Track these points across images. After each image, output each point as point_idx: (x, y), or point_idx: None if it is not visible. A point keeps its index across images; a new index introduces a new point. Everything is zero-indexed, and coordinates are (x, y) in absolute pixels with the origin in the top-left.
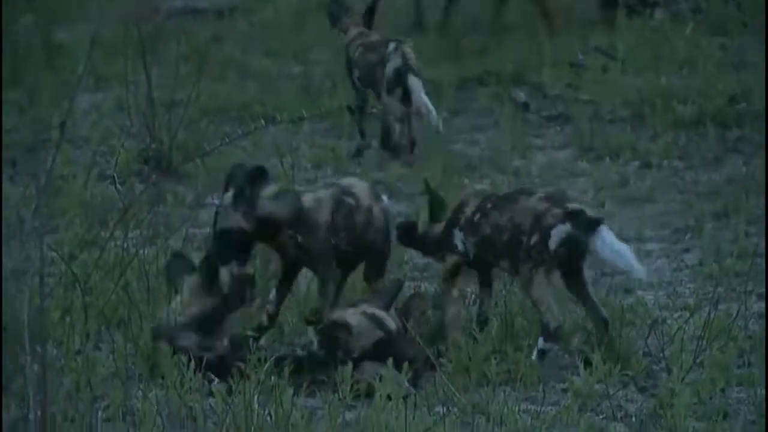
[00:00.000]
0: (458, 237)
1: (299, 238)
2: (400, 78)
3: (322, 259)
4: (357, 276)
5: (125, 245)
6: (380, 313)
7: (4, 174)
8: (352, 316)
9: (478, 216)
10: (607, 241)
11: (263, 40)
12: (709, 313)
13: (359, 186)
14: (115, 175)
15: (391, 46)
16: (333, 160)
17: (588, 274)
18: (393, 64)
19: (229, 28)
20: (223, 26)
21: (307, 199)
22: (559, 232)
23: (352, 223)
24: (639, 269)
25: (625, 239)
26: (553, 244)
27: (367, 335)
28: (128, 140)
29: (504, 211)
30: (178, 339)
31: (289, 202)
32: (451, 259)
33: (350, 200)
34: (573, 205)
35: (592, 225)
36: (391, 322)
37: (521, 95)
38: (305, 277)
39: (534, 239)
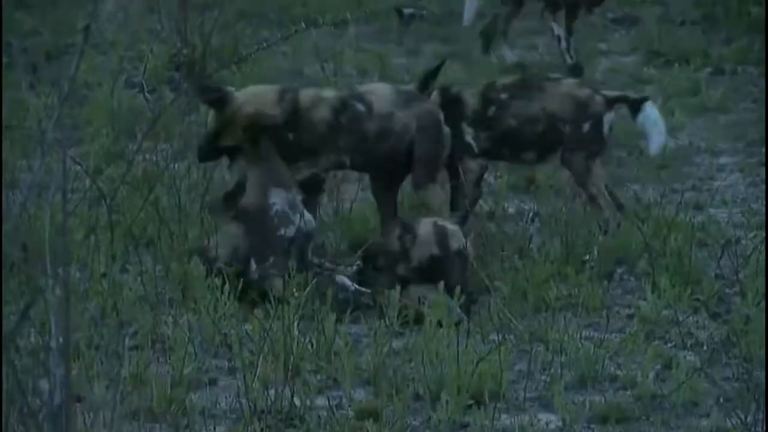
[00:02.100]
0: (468, 132)
1: (290, 136)
2: None
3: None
4: None
5: (155, 159)
6: (451, 228)
7: (23, 82)
8: (422, 225)
9: (493, 109)
10: (650, 115)
11: None
12: None
13: (379, 93)
14: (143, 82)
15: None
16: (379, 66)
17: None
18: None
19: None
20: None
21: (305, 96)
22: (609, 118)
23: (359, 129)
24: (655, 146)
25: (696, 151)
26: (605, 130)
27: (423, 249)
28: (158, 45)
29: (531, 100)
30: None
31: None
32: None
33: (359, 106)
34: (613, 93)
35: (639, 105)
36: (456, 241)
37: None
38: (350, 197)
39: (585, 128)
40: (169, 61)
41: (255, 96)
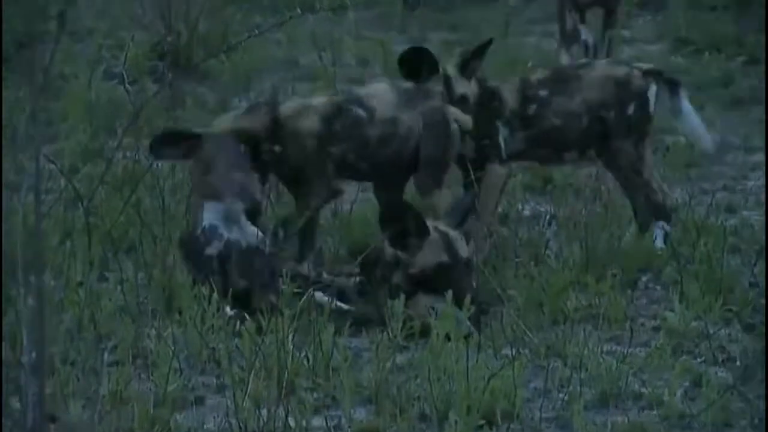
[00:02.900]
0: (502, 132)
1: (276, 149)
2: None
3: (311, 173)
4: None
5: (136, 156)
6: (454, 234)
7: None
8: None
9: (533, 107)
10: (686, 105)
11: None
12: None
13: (380, 94)
14: (124, 73)
15: None
16: (382, 55)
17: None
18: None
19: None
20: None
21: (288, 108)
22: (653, 91)
23: (359, 135)
24: (708, 138)
25: (728, 147)
26: (652, 106)
27: (430, 256)
28: (140, 32)
29: (571, 93)
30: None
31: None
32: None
33: (359, 110)
34: (647, 65)
35: (675, 86)
36: (463, 247)
37: None
38: (349, 198)
39: (631, 109)
40: (152, 49)
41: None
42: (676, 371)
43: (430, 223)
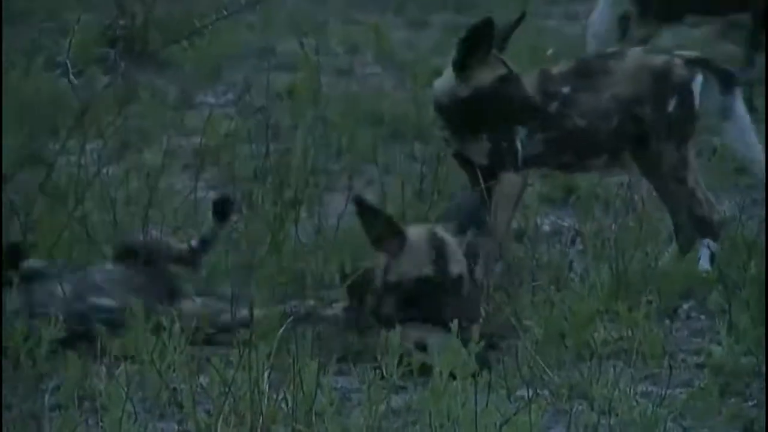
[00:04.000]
0: (519, 134)
1: None
2: None
3: None
4: None
5: (82, 161)
6: (452, 245)
7: None
8: (413, 232)
9: (555, 105)
10: (740, 106)
11: None
12: None
13: None
14: (68, 62)
15: None
16: (374, 42)
17: None
18: None
19: None
20: None
21: None
22: (698, 84)
23: None
24: (762, 160)
25: None
26: (696, 101)
27: (408, 266)
28: (87, 14)
29: (599, 89)
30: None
31: None
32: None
33: None
34: (691, 52)
35: (729, 79)
36: (457, 261)
37: None
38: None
39: (672, 105)
40: (102, 34)
41: None
42: (724, 416)
43: (421, 226)
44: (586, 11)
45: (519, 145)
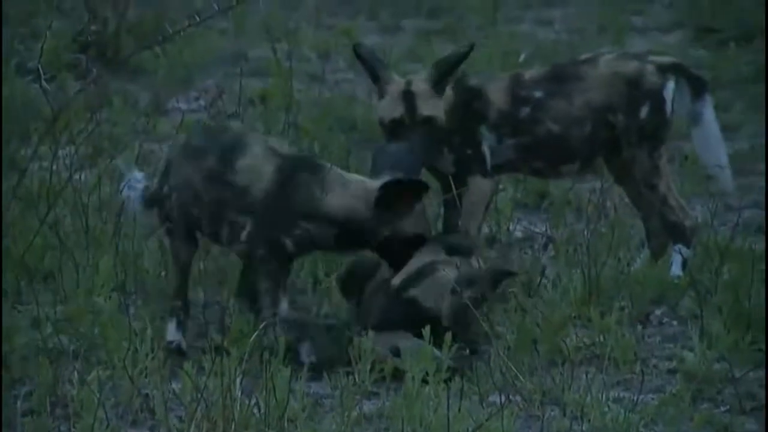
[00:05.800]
0: (487, 140)
1: None
2: None
3: None
4: None
5: (54, 167)
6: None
7: None
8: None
9: (526, 110)
10: (710, 113)
11: None
12: None
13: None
14: (40, 68)
15: None
16: (347, 47)
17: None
18: None
19: None
20: None
21: None
22: (669, 90)
23: None
24: (728, 174)
25: (758, 156)
26: (668, 108)
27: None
28: (59, 19)
29: (572, 94)
30: None
31: None
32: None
33: None
34: (664, 58)
35: (700, 86)
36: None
37: None
38: None
39: (644, 111)
40: (73, 40)
41: None
42: (695, 422)
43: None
44: (559, 16)
45: (486, 150)
